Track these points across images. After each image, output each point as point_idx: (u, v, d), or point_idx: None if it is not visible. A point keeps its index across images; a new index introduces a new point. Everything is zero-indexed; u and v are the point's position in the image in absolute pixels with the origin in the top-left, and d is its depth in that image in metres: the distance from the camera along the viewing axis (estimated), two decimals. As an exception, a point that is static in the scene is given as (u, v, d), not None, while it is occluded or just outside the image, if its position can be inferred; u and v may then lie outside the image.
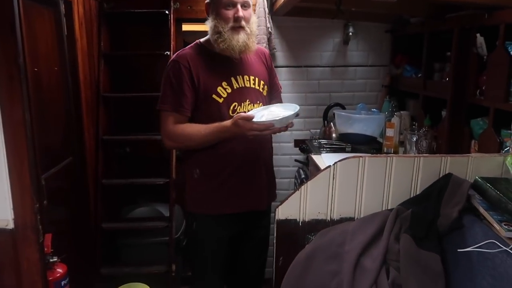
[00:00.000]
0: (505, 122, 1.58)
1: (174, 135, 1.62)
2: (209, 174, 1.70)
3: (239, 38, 1.57)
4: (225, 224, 1.73)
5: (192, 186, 1.75)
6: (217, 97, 1.62)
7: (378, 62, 3.10)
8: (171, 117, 1.61)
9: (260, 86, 1.72)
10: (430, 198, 1.39)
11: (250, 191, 1.72)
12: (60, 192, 2.22)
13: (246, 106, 1.67)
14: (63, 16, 2.23)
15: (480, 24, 1.94)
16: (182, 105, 1.61)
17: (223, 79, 1.63)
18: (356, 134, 2.58)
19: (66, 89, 2.30)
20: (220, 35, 1.58)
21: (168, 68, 1.64)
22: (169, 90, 1.62)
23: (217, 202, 1.70)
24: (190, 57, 1.63)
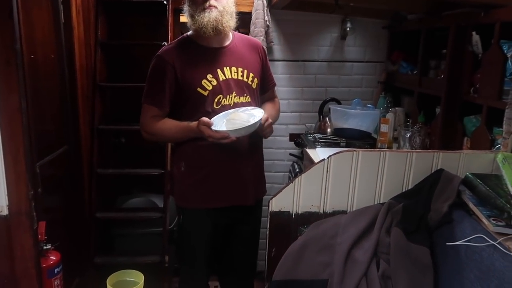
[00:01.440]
0: (498, 120, 1.60)
1: (149, 128, 1.70)
2: (194, 167, 1.71)
3: (210, 16, 1.58)
4: (211, 217, 1.74)
5: (178, 179, 1.77)
6: (202, 90, 1.63)
7: (374, 58, 3.12)
8: (150, 110, 1.67)
9: (249, 79, 1.71)
10: (422, 193, 1.41)
11: (235, 185, 1.71)
12: (54, 180, 2.22)
13: (232, 99, 1.66)
14: (61, 3, 2.22)
15: (476, 22, 1.95)
16: (161, 101, 1.65)
17: (208, 72, 1.63)
18: (351, 129, 2.60)
19: (62, 77, 2.30)
20: (193, 18, 1.61)
21: (152, 63, 1.67)
22: (150, 85, 1.67)
23: (202, 196, 1.71)
24: (174, 51, 1.65)
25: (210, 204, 1.72)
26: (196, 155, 1.70)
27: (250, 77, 1.71)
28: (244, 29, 2.79)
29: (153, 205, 2.87)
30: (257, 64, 1.77)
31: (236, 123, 1.57)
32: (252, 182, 1.76)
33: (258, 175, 1.82)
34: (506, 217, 1.18)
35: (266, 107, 1.82)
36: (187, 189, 1.74)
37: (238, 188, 1.73)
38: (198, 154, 1.69)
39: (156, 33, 2.88)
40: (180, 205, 1.79)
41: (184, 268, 1.91)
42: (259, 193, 1.85)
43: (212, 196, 1.71)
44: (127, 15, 2.94)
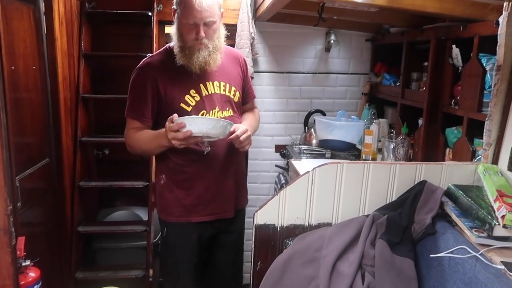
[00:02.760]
0: (478, 131, 1.63)
1: (128, 140, 1.67)
2: (175, 181, 1.69)
3: (199, 55, 1.55)
4: (194, 229, 1.72)
5: (160, 192, 1.74)
6: (185, 106, 1.60)
7: (358, 70, 3.16)
8: (132, 124, 1.64)
9: (231, 93, 1.69)
10: (405, 204, 1.42)
11: (217, 199, 1.70)
12: (35, 194, 2.17)
13: (216, 113, 1.64)
14: (43, 14, 2.20)
15: (455, 35, 2.00)
16: (142, 114, 1.61)
17: (191, 87, 1.60)
18: (336, 140, 2.62)
19: (44, 89, 2.26)
20: (181, 50, 1.56)
21: (133, 76, 1.63)
22: (132, 98, 1.63)
23: (184, 210, 1.69)
24: (157, 64, 1.61)
25: (192, 217, 1.70)
26: (178, 168, 1.67)
27: (232, 91, 1.70)
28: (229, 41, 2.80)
29: (137, 218, 2.83)
30: (239, 77, 1.75)
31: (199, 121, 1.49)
32: (233, 194, 1.75)
33: (239, 186, 1.80)
34: (488, 228, 1.19)
35: (245, 117, 1.82)
36: (168, 202, 1.72)
37: (220, 202, 1.71)
38: (179, 168, 1.67)
39: (141, 44, 2.88)
40: (163, 218, 1.77)
41: (169, 282, 1.87)
42: (240, 204, 1.83)
43: (194, 210, 1.69)
44: (111, 26, 2.92)
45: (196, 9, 1.48)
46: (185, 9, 1.50)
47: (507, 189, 1.31)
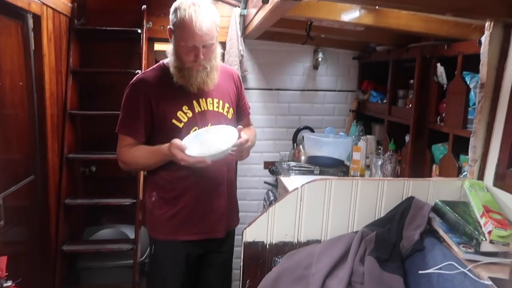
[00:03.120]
0: (464, 147, 1.65)
1: (123, 157, 1.63)
2: (165, 199, 1.66)
3: (197, 76, 1.55)
4: (183, 248, 1.69)
5: (150, 209, 1.71)
6: (177, 122, 1.58)
7: (346, 87, 3.21)
8: (125, 140, 1.61)
9: (224, 110, 1.67)
10: (393, 221, 1.42)
11: (207, 219, 1.67)
12: (19, 212, 2.12)
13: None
14: (31, 30, 2.19)
15: (440, 54, 2.05)
16: (136, 130, 1.59)
17: (183, 103, 1.59)
18: (325, 157, 2.63)
19: (31, 105, 2.24)
20: (179, 70, 1.55)
21: (126, 92, 1.61)
22: (125, 114, 1.61)
23: (174, 228, 1.66)
24: (150, 80, 1.59)
25: (182, 236, 1.67)
26: (168, 186, 1.65)
27: (226, 107, 1.68)
28: (218, 58, 2.83)
29: (123, 236, 2.78)
30: (233, 93, 1.74)
31: (210, 146, 1.50)
32: (225, 215, 1.72)
33: (231, 206, 1.77)
34: (475, 244, 1.20)
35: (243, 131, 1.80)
36: (158, 220, 1.69)
37: (210, 221, 1.68)
38: (170, 185, 1.64)
39: (130, 61, 2.88)
40: (152, 235, 1.74)
41: None
42: (231, 224, 1.80)
43: (184, 229, 1.66)
44: (100, 42, 2.93)
45: (196, 33, 1.46)
46: (185, 32, 1.48)
47: (493, 204, 1.32)
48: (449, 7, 1.38)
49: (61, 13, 2.51)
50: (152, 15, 2.88)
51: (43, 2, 2.21)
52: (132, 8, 2.82)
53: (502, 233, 1.14)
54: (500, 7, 1.37)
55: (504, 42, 1.44)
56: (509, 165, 1.36)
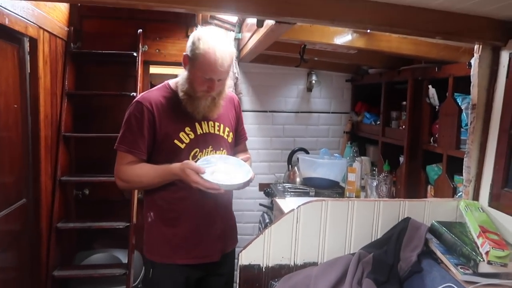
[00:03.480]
0: (458, 168, 1.66)
1: (124, 175, 1.59)
2: (163, 220, 1.64)
3: (206, 105, 1.58)
4: (182, 272, 1.65)
5: (147, 229, 1.69)
6: (179, 143, 1.59)
7: (339, 109, 3.24)
8: (126, 158, 1.59)
9: (225, 133, 1.69)
10: (390, 242, 1.41)
11: (203, 243, 1.65)
12: (9, 236, 2.08)
13: (209, 153, 1.63)
14: (27, 54, 2.20)
15: (431, 76, 2.09)
16: (138, 148, 1.57)
17: (186, 124, 1.60)
18: (320, 178, 2.63)
19: (25, 127, 2.23)
20: (189, 97, 1.57)
21: (131, 109, 1.60)
22: (128, 130, 1.59)
23: (171, 251, 1.63)
24: (155, 99, 1.59)
25: (179, 260, 1.63)
26: (166, 206, 1.62)
27: (226, 131, 1.70)
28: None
29: (116, 261, 2.72)
30: (233, 118, 1.76)
31: (226, 176, 1.51)
32: (221, 238, 1.69)
33: (228, 229, 1.75)
34: (473, 265, 1.19)
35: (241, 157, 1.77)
36: (155, 242, 1.65)
37: (206, 245, 1.65)
38: (168, 205, 1.62)
39: (125, 83, 2.90)
40: (149, 257, 1.69)
41: None
42: (228, 247, 1.77)
43: (181, 252, 1.63)
44: (96, 65, 2.95)
45: (218, 69, 1.49)
46: (205, 65, 1.50)
47: (489, 225, 1.32)
48: (438, 31, 1.42)
49: (57, 36, 2.54)
50: (148, 38, 2.92)
51: (40, 26, 2.23)
52: (128, 32, 2.86)
53: (499, 254, 1.14)
54: (487, 31, 1.41)
55: (493, 64, 1.47)
56: (503, 185, 1.37)
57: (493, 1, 1.22)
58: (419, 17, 1.35)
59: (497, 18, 1.38)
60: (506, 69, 1.40)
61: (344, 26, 1.85)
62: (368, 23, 1.38)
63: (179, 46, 2.98)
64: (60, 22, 2.58)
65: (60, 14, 2.60)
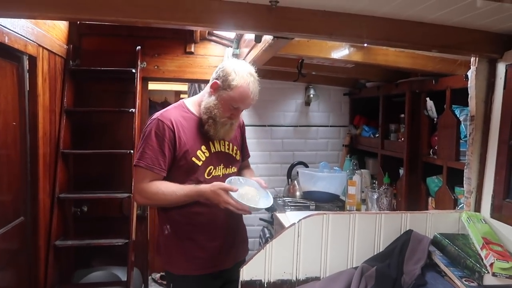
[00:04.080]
0: (458, 179, 1.66)
1: (146, 193, 1.61)
2: (179, 233, 1.68)
3: (225, 129, 1.67)
4: (202, 283, 1.69)
5: (164, 242, 1.73)
6: (197, 160, 1.64)
7: (338, 123, 3.25)
8: (145, 174, 1.61)
9: (233, 151, 1.78)
10: (393, 255, 1.40)
11: (217, 252, 1.70)
12: (7, 255, 2.05)
13: (221, 170, 1.71)
14: (27, 71, 2.21)
15: (428, 89, 2.11)
16: (159, 165, 1.60)
17: (202, 143, 1.67)
18: (320, 192, 2.62)
19: (23, 145, 2.22)
20: (213, 122, 1.65)
21: (151, 126, 1.63)
22: (149, 147, 1.61)
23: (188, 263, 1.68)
24: (174, 118, 1.65)
25: (196, 271, 1.67)
26: (184, 221, 1.66)
27: (234, 149, 1.78)
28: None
29: (115, 279, 2.68)
30: (239, 137, 1.85)
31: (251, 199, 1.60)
32: (234, 247, 1.76)
33: (240, 240, 1.82)
34: (477, 277, 1.17)
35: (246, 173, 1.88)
36: (173, 254, 1.70)
37: (221, 254, 1.71)
38: (186, 220, 1.66)
39: (124, 100, 2.90)
40: (169, 270, 1.73)
41: None
42: (240, 256, 1.82)
43: (197, 263, 1.67)
44: (95, 82, 2.96)
45: (250, 102, 1.66)
46: (240, 97, 1.63)
47: (492, 236, 1.32)
48: (435, 44, 1.44)
49: (56, 54, 2.56)
50: (146, 55, 2.94)
51: (39, 44, 2.25)
52: (126, 49, 2.89)
53: (504, 265, 1.13)
54: (484, 44, 1.43)
55: (490, 76, 1.49)
56: (505, 196, 1.37)
57: (488, 15, 1.24)
58: (416, 31, 1.37)
59: (492, 31, 1.40)
60: (503, 80, 1.41)
61: (341, 40, 1.87)
62: (366, 37, 1.39)
63: (177, 62, 3.00)
64: (59, 40, 2.61)
65: (59, 32, 2.62)
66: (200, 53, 3.03)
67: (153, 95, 3.89)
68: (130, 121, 2.77)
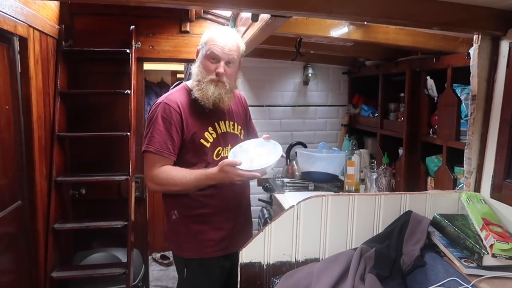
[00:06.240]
0: (458, 159, 1.65)
1: (158, 179, 1.61)
2: (189, 217, 1.69)
3: (215, 91, 1.61)
4: (213, 264, 1.71)
5: (172, 228, 1.73)
6: (205, 142, 1.65)
7: (337, 102, 3.22)
8: (156, 159, 1.60)
9: (238, 131, 1.79)
10: (392, 236, 1.40)
11: (229, 235, 1.72)
12: (5, 240, 2.05)
13: (228, 151, 1.70)
14: (18, 53, 2.15)
15: (429, 67, 2.07)
16: (168, 149, 1.60)
17: (209, 125, 1.68)
18: (318, 172, 2.61)
19: (17, 128, 2.19)
20: (199, 83, 1.63)
21: (157, 110, 1.62)
22: (157, 132, 1.60)
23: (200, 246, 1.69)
24: (179, 101, 1.64)
25: (209, 253, 1.70)
26: (193, 204, 1.66)
27: (239, 129, 1.79)
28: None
29: (115, 260, 2.70)
30: (243, 115, 1.86)
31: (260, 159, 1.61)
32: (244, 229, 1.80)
33: (249, 223, 1.86)
34: (477, 258, 1.17)
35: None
36: (184, 238, 1.70)
37: (233, 237, 1.73)
38: (196, 203, 1.66)
39: (119, 81, 2.85)
40: (179, 254, 1.74)
41: None
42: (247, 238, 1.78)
43: (210, 245, 1.69)
44: (89, 63, 2.90)
45: (222, 46, 1.61)
46: (211, 45, 1.61)
47: (492, 217, 1.31)
48: (437, 22, 1.40)
49: (48, 35, 2.49)
50: (141, 35, 2.87)
51: (29, 25, 2.18)
52: (120, 29, 2.81)
53: (504, 247, 1.12)
54: (487, 21, 1.39)
55: (492, 54, 1.45)
56: (505, 176, 1.36)
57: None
58: (417, 8, 1.33)
59: (496, 7, 1.35)
60: (506, 59, 1.38)
61: (341, 18, 1.82)
62: (366, 15, 1.35)
63: (173, 42, 2.94)
64: (50, 20, 2.53)
65: (50, 12, 2.54)
66: (196, 32, 2.96)
67: (149, 75, 3.83)
68: (126, 103, 2.73)
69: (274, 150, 1.64)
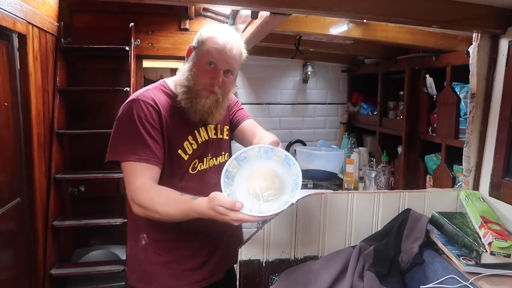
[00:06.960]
0: (457, 157, 1.65)
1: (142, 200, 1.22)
2: (160, 242, 1.39)
3: (206, 103, 1.32)
4: None
5: (139, 255, 1.41)
6: (183, 153, 1.36)
7: (336, 100, 3.22)
8: (137, 170, 1.25)
9: (223, 134, 1.51)
10: (391, 234, 1.40)
11: (207, 264, 1.47)
12: (4, 237, 2.05)
13: (208, 162, 1.44)
14: (17, 50, 2.15)
15: (428, 65, 2.07)
16: (154, 154, 1.27)
17: (189, 133, 1.38)
18: (318, 170, 2.61)
19: (16, 125, 2.19)
20: (188, 90, 1.32)
21: (129, 109, 1.30)
22: (132, 136, 1.28)
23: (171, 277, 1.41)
24: (157, 98, 1.34)
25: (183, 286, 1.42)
26: (165, 226, 1.31)
27: (222, 130, 1.52)
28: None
29: (114, 257, 2.71)
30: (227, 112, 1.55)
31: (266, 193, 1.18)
32: (226, 254, 1.52)
33: (234, 246, 1.47)
34: (475, 256, 1.18)
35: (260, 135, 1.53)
36: (151, 269, 1.40)
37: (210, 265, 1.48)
38: (167, 225, 1.29)
39: (118, 79, 2.85)
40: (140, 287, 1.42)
41: None
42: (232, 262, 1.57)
43: (183, 277, 1.42)
44: (88, 61, 2.90)
45: (225, 53, 1.30)
46: (211, 47, 1.31)
47: (491, 215, 1.31)
48: (436, 20, 1.40)
49: (47, 32, 2.49)
50: (140, 32, 2.87)
51: (28, 22, 2.18)
52: (119, 26, 2.81)
53: (502, 245, 1.13)
54: (486, 19, 1.39)
55: (492, 52, 1.45)
56: (504, 174, 1.36)
57: (492, -12, 1.19)
58: (417, 6, 1.32)
59: (496, 5, 1.35)
60: (506, 57, 1.38)
61: (340, 16, 1.81)
62: (366, 13, 1.35)
63: (172, 39, 2.94)
64: (49, 17, 2.53)
65: (49, 9, 2.54)
66: (195, 30, 2.96)
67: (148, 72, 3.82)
68: (125, 100, 2.71)
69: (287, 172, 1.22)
